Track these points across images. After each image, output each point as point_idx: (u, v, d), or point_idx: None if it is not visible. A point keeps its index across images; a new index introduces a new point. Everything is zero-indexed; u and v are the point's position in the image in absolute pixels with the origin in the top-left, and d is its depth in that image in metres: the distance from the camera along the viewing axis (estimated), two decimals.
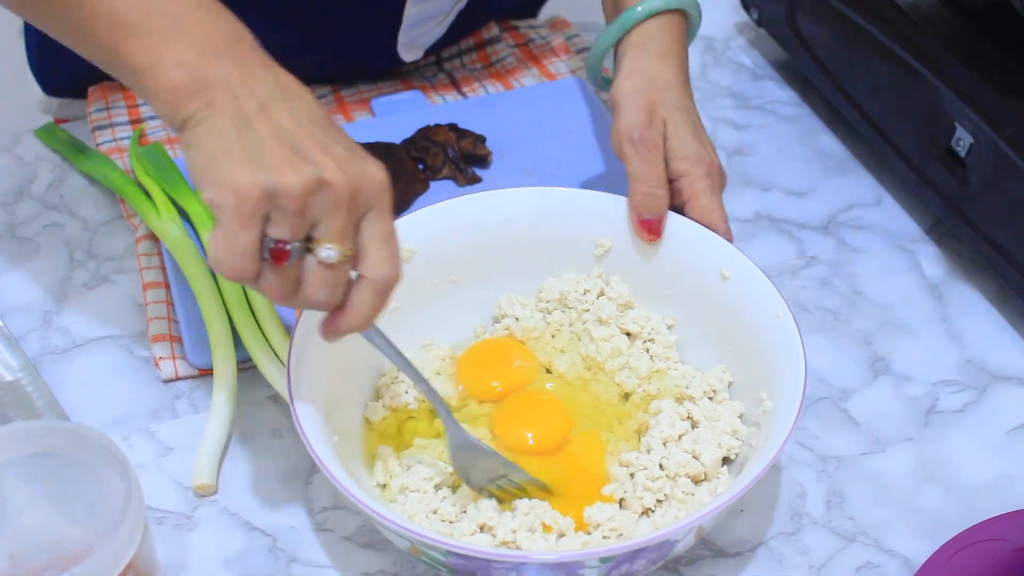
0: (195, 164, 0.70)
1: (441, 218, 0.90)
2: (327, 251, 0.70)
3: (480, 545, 0.76)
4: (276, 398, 0.91)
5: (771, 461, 0.75)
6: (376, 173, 0.71)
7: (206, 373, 0.93)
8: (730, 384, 0.88)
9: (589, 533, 0.79)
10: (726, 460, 0.83)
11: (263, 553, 0.83)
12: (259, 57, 0.73)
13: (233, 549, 0.83)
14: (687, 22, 0.95)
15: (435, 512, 0.80)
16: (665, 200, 0.87)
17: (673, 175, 0.88)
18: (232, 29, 0.73)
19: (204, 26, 0.72)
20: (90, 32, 0.73)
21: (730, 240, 0.87)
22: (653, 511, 0.80)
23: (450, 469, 0.82)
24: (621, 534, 0.78)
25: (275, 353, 0.91)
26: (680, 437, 0.83)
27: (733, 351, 0.87)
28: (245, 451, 0.89)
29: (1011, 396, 0.94)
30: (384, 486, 0.82)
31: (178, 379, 0.93)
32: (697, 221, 0.87)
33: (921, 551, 0.83)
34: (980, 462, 0.89)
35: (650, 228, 0.86)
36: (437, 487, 0.81)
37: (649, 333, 0.89)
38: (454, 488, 0.82)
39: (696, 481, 0.81)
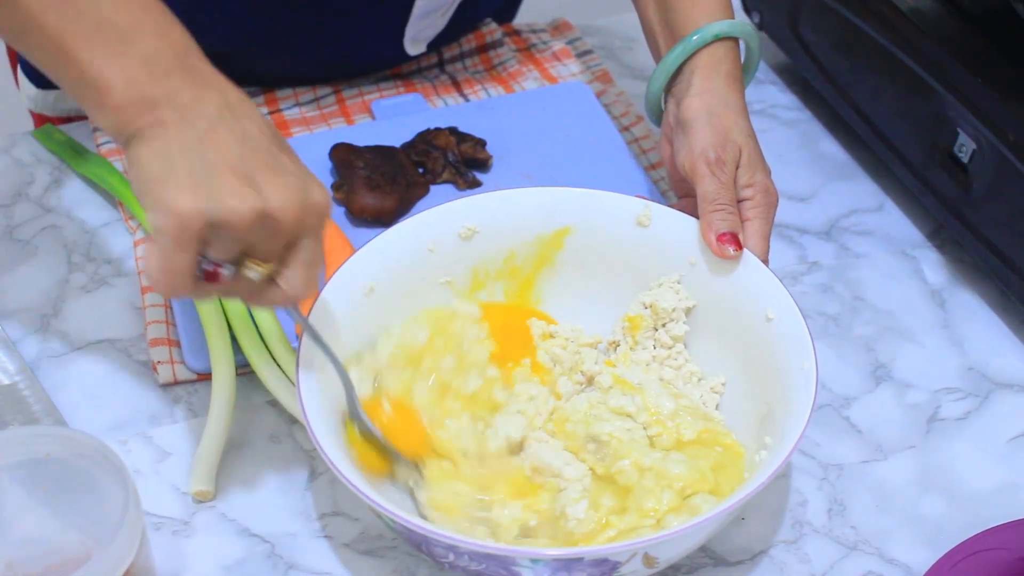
0: (139, 181, 0.70)
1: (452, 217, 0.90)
2: (254, 272, 0.73)
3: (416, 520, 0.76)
4: (274, 403, 0.91)
5: (772, 475, 0.74)
6: (320, 200, 0.73)
7: (204, 377, 0.92)
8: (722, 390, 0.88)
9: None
10: None
11: (261, 560, 0.82)
12: (208, 73, 0.73)
13: (231, 556, 0.83)
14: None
15: None
16: (738, 220, 0.88)
17: (738, 199, 0.89)
18: (182, 43, 0.73)
19: (154, 40, 0.72)
20: (38, 40, 0.73)
21: (765, 262, 0.87)
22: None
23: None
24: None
25: (273, 358, 0.90)
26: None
27: (741, 351, 0.87)
28: (243, 457, 0.88)
29: (1013, 404, 0.93)
30: None
31: (176, 383, 0.93)
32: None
33: (923, 560, 0.82)
34: (983, 470, 0.89)
35: (732, 240, 0.86)
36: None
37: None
38: None
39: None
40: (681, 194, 0.96)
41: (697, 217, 0.89)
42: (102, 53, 0.71)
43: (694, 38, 0.92)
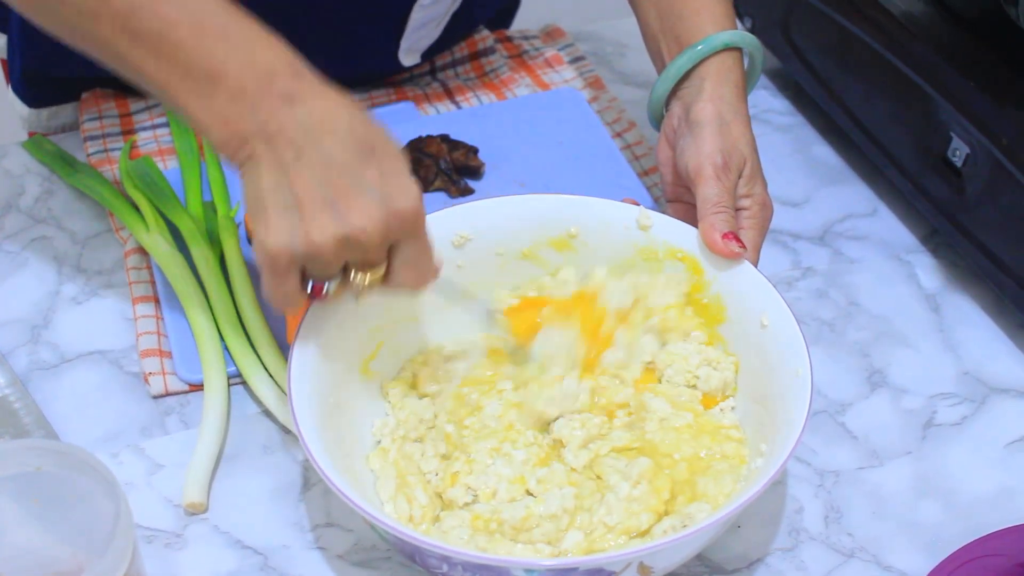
0: (247, 211, 0.77)
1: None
2: (358, 281, 0.77)
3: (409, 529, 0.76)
4: (267, 413, 0.90)
5: (768, 482, 0.74)
6: (404, 206, 0.75)
7: (196, 389, 0.92)
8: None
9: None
10: None
11: (255, 572, 0.82)
12: (295, 89, 0.76)
13: (224, 568, 0.82)
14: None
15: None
16: (736, 226, 0.89)
17: (735, 207, 0.90)
18: (267, 64, 0.76)
19: (238, 74, 0.75)
20: (142, 80, 0.78)
21: (754, 263, 0.88)
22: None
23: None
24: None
25: (265, 368, 0.90)
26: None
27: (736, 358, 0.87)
28: (236, 468, 0.87)
29: (1009, 408, 0.93)
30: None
31: (168, 395, 0.92)
32: None
33: (921, 567, 0.82)
34: (979, 476, 0.88)
35: (736, 238, 0.87)
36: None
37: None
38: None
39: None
40: (672, 198, 0.95)
41: (688, 223, 0.89)
42: (195, 99, 0.76)
43: (699, 47, 0.92)
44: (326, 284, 0.78)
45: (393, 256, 0.77)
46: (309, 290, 0.78)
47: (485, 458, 0.82)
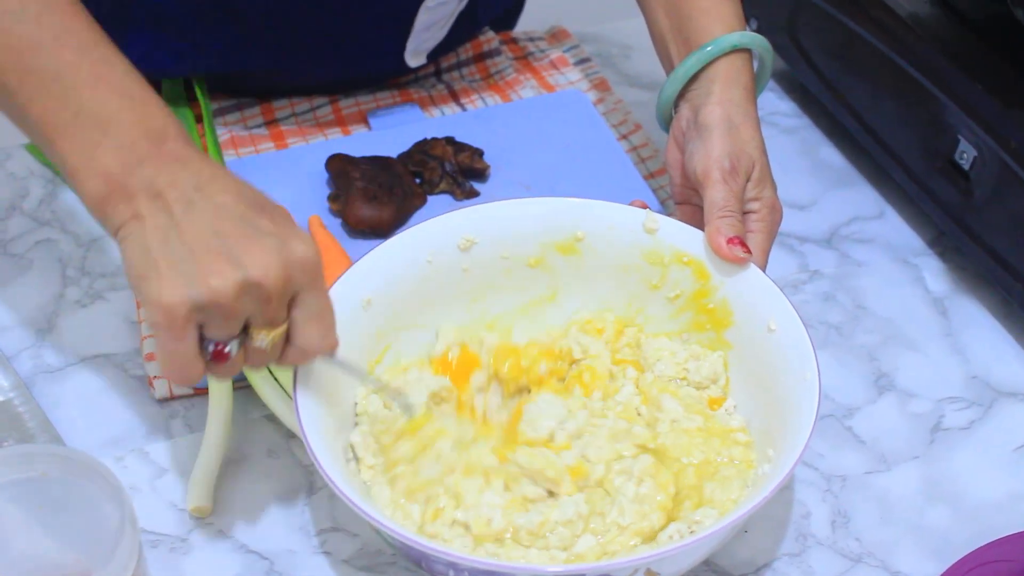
0: (129, 278, 0.72)
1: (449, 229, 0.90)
2: (260, 341, 0.73)
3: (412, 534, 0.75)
4: (272, 417, 0.90)
5: (776, 488, 0.74)
6: (305, 253, 0.72)
7: (201, 392, 0.92)
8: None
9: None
10: None
11: None
12: (184, 153, 0.73)
13: (230, 573, 0.82)
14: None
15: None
16: (743, 230, 0.88)
17: (744, 211, 0.89)
18: (159, 126, 0.74)
19: (129, 129, 0.73)
20: (29, 128, 0.76)
21: (762, 267, 0.87)
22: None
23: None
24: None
25: (270, 372, 0.89)
26: None
27: (743, 363, 0.87)
28: (241, 472, 0.87)
29: (1017, 413, 0.93)
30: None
31: (172, 399, 0.92)
32: None
33: (929, 572, 0.82)
34: (988, 480, 0.88)
35: (742, 243, 0.86)
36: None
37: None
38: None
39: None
40: (681, 200, 0.95)
41: (695, 226, 0.88)
42: (79, 146, 0.73)
43: (708, 48, 0.92)
44: (227, 346, 0.72)
45: (295, 311, 0.73)
46: (209, 355, 0.73)
47: (471, 492, 0.80)
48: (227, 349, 0.72)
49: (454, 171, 1.05)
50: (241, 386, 0.91)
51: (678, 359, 0.88)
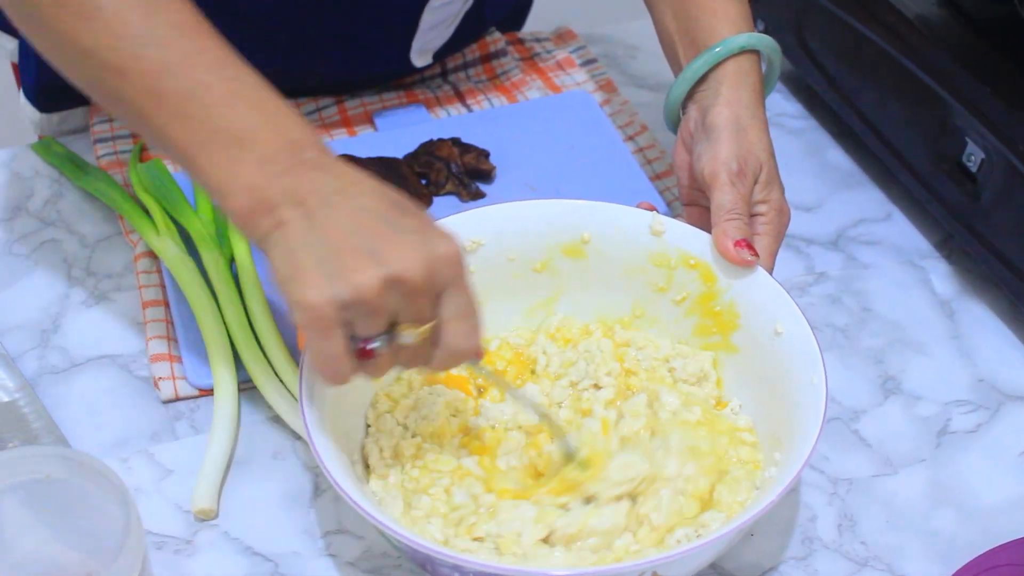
0: (277, 285, 0.73)
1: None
2: (406, 337, 0.73)
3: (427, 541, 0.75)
4: (277, 419, 0.90)
5: (783, 492, 0.73)
6: (447, 249, 0.72)
7: (206, 394, 0.92)
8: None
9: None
10: None
11: None
12: (324, 161, 0.75)
13: (234, 575, 0.82)
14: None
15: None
16: (750, 233, 0.88)
17: (751, 213, 0.89)
18: (297, 135, 0.75)
19: (267, 141, 0.74)
20: (170, 150, 0.77)
21: (769, 270, 0.87)
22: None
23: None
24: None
25: (276, 373, 0.90)
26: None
27: (750, 366, 0.86)
28: (246, 474, 0.87)
29: None
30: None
31: (178, 400, 0.92)
32: None
33: None
34: (995, 484, 0.88)
35: (749, 246, 0.86)
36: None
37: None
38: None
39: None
40: (688, 202, 0.95)
41: (703, 228, 0.88)
42: (221, 163, 0.74)
43: (717, 49, 0.92)
44: (374, 344, 0.73)
45: (440, 308, 0.73)
46: (355, 353, 0.73)
47: (502, 502, 0.80)
48: (372, 346, 0.73)
49: (460, 172, 1.05)
50: (247, 388, 0.91)
51: (660, 352, 0.88)
